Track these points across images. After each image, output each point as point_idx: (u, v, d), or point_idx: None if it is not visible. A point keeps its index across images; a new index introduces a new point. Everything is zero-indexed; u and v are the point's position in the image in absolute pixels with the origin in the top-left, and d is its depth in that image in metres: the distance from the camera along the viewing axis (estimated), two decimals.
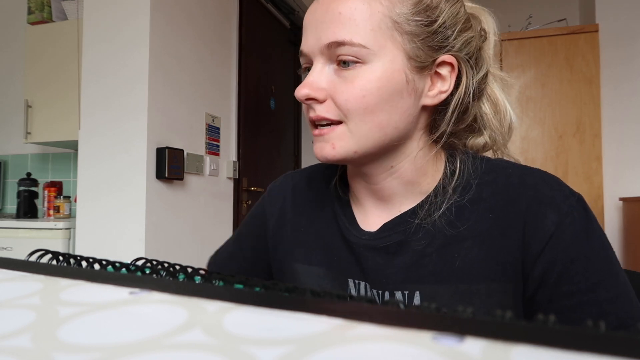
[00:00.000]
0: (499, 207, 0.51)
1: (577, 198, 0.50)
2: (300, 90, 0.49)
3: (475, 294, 0.50)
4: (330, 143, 0.50)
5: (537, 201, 0.49)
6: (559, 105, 2.28)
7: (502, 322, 0.16)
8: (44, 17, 2.33)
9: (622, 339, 0.14)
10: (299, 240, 0.63)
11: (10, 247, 2.00)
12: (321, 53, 0.50)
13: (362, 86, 0.48)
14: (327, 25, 0.48)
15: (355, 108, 0.48)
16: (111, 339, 0.17)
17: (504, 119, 0.58)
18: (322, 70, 0.50)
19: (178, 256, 1.89)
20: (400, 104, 0.49)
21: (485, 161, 0.55)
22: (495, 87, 0.58)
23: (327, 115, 0.50)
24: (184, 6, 1.97)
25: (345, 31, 0.47)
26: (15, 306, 0.21)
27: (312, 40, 0.50)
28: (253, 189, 2.55)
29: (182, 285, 0.23)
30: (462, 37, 0.51)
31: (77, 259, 0.29)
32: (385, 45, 0.48)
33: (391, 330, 0.17)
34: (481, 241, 0.50)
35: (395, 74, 0.48)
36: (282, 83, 3.04)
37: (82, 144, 1.80)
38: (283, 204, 0.67)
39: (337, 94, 0.49)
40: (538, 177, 0.52)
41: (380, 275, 0.54)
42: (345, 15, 0.48)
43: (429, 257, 0.52)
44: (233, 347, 0.16)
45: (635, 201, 2.22)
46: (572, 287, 0.47)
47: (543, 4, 2.73)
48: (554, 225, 0.48)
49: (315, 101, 0.50)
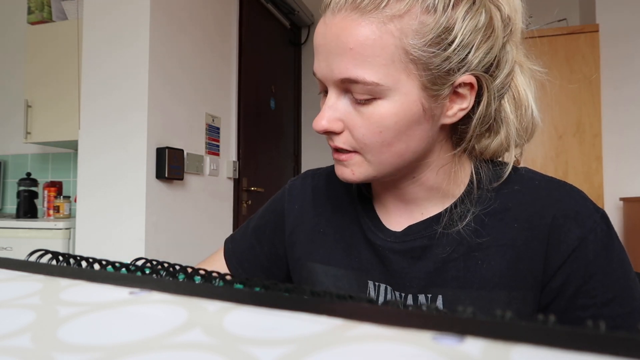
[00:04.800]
0: (524, 217, 0.51)
1: (601, 214, 0.50)
2: (318, 123, 0.49)
3: (495, 301, 0.50)
4: (349, 169, 0.51)
5: (562, 215, 0.50)
6: (559, 105, 2.27)
7: (502, 322, 0.16)
8: (44, 17, 2.33)
9: (622, 339, 0.14)
10: (317, 240, 0.63)
11: (10, 247, 2.00)
12: (335, 85, 0.48)
13: (378, 122, 0.47)
14: (339, 58, 0.46)
15: (372, 142, 0.48)
16: (111, 339, 0.17)
17: (524, 115, 0.53)
18: (337, 101, 0.49)
19: (178, 256, 1.89)
20: (418, 132, 0.49)
21: (512, 170, 0.54)
22: (519, 78, 0.54)
23: (344, 147, 0.50)
24: (184, 6, 1.97)
25: (358, 69, 0.45)
26: (15, 306, 0.21)
27: (325, 68, 0.48)
28: (253, 189, 2.55)
29: (182, 285, 0.22)
30: (481, 50, 0.47)
31: (77, 259, 0.28)
32: (400, 78, 0.45)
33: (391, 330, 0.17)
34: (504, 250, 0.51)
35: (411, 105, 0.46)
36: (282, 83, 3.04)
37: (82, 144, 1.80)
38: (302, 203, 0.66)
39: (354, 128, 0.48)
40: (564, 191, 0.52)
41: (404, 278, 0.54)
42: (356, 51, 0.45)
43: (452, 262, 0.52)
44: (233, 347, 0.16)
45: (635, 201, 2.22)
46: (588, 300, 0.48)
47: (543, 4, 2.73)
48: (578, 241, 0.49)
49: (333, 133, 0.50)
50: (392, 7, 0.44)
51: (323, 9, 0.49)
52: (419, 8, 0.44)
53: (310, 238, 0.64)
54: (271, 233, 0.68)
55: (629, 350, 0.14)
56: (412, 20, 0.44)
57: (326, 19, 0.48)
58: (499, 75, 0.50)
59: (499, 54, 0.49)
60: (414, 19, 0.44)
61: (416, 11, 0.44)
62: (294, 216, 0.66)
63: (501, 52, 0.49)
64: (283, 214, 0.67)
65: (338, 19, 0.46)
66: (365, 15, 0.44)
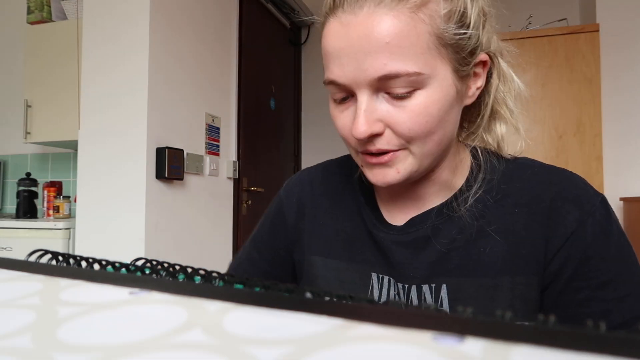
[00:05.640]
0: (524, 202, 0.52)
1: (600, 199, 0.51)
2: (358, 130, 0.46)
3: (500, 287, 0.51)
4: (394, 168, 0.49)
5: (561, 198, 0.51)
6: (559, 105, 2.27)
7: (502, 322, 0.16)
8: (44, 17, 2.33)
9: (622, 339, 0.14)
10: (317, 233, 0.63)
11: (10, 247, 2.00)
12: (367, 86, 0.46)
13: (424, 112, 0.46)
14: (374, 56, 0.44)
15: (419, 134, 0.47)
16: (111, 339, 0.17)
17: (511, 87, 0.57)
18: (371, 101, 0.47)
19: (178, 256, 1.89)
20: (453, 116, 0.49)
21: (511, 158, 0.56)
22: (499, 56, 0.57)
23: (389, 148, 0.48)
24: (183, 6, 1.97)
25: (398, 62, 0.44)
26: (15, 306, 0.21)
27: (354, 71, 0.46)
28: (253, 189, 2.55)
29: (182, 285, 0.22)
30: (486, 30, 0.50)
31: (77, 259, 0.28)
32: (436, 64, 0.46)
33: (391, 330, 0.17)
34: (506, 236, 0.52)
35: (449, 89, 0.47)
36: (282, 83, 3.04)
37: (82, 144, 1.80)
38: (300, 197, 0.66)
39: (397, 124, 0.47)
40: (563, 176, 0.53)
41: (407, 269, 0.55)
42: (393, 44, 0.44)
43: (455, 251, 0.53)
44: (233, 347, 0.16)
45: (636, 201, 2.22)
46: (583, 283, 0.48)
47: (543, 4, 2.73)
48: (576, 223, 0.49)
49: (376, 135, 0.48)
50: None
51: (330, 10, 0.47)
52: None
53: (310, 231, 0.64)
54: (270, 237, 0.67)
55: (629, 350, 0.14)
56: (437, 6, 0.45)
57: (343, 20, 0.46)
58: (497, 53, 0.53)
59: (489, 32, 0.53)
60: (437, 4, 0.45)
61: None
62: (293, 211, 0.66)
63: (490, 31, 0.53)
64: (282, 212, 0.67)
65: (362, 17, 0.44)
66: (393, 8, 0.44)
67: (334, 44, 0.47)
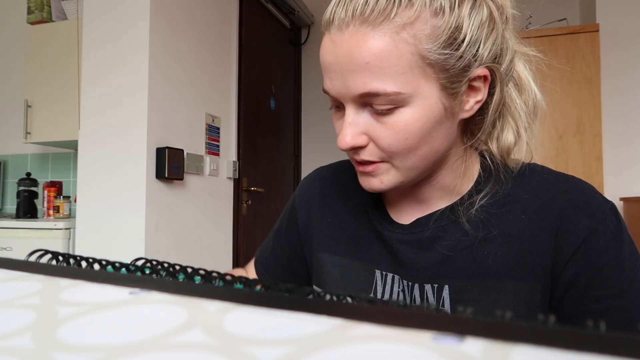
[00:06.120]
0: (533, 209, 0.52)
1: (610, 206, 0.51)
2: (342, 141, 0.49)
3: (503, 291, 0.51)
4: (377, 178, 0.51)
5: (571, 206, 0.50)
6: (559, 105, 2.27)
7: (502, 322, 0.16)
8: (44, 17, 2.33)
9: (622, 339, 0.14)
10: (324, 231, 0.64)
11: (10, 247, 2.00)
12: (352, 100, 0.48)
13: (403, 130, 0.47)
14: (355, 74, 0.45)
15: (399, 150, 0.48)
16: (111, 339, 0.17)
17: (529, 98, 0.55)
18: (356, 115, 0.48)
19: (178, 256, 1.89)
20: (441, 132, 0.49)
21: (520, 164, 0.55)
22: (518, 64, 0.55)
23: (371, 159, 0.50)
24: (184, 6, 1.97)
25: (377, 82, 0.45)
26: (15, 306, 0.21)
27: (340, 86, 0.47)
28: (253, 189, 2.55)
29: (182, 285, 0.22)
30: (489, 42, 0.48)
31: (77, 259, 0.28)
32: (419, 83, 0.46)
33: (391, 330, 0.17)
34: (512, 241, 0.51)
35: (433, 107, 0.47)
36: (282, 83, 3.04)
37: (82, 144, 1.80)
38: (310, 195, 0.68)
39: (379, 139, 0.48)
40: (573, 184, 0.53)
41: (412, 268, 0.55)
42: (373, 64, 0.44)
43: (459, 253, 0.53)
44: (233, 347, 0.16)
45: (636, 201, 2.22)
46: (602, 292, 0.48)
47: (543, 4, 2.73)
48: (587, 231, 0.49)
49: (359, 147, 0.50)
50: (402, 15, 0.44)
51: (325, 26, 0.48)
52: (428, 12, 0.44)
53: (318, 228, 0.65)
54: (287, 231, 0.70)
55: (629, 350, 0.14)
56: (424, 25, 0.44)
57: (332, 37, 0.47)
58: (504, 62, 0.51)
59: (502, 43, 0.50)
60: (424, 23, 0.44)
61: (426, 16, 0.44)
62: (304, 209, 0.68)
63: (503, 41, 0.50)
64: (295, 209, 0.70)
65: (347, 35, 0.45)
66: (376, 27, 0.44)
67: (324, 58, 0.48)
